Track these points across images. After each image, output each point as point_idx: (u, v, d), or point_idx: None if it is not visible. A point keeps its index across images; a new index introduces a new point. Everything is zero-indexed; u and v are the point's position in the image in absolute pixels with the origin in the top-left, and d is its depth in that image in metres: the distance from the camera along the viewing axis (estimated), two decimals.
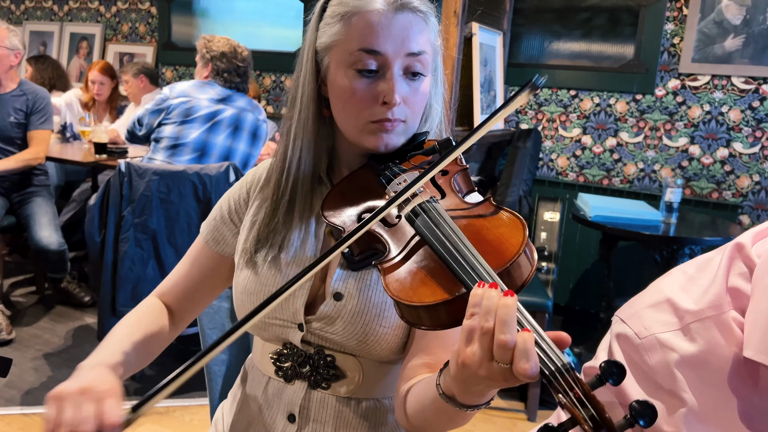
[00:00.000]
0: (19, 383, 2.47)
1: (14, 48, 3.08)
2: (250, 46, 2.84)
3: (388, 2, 0.81)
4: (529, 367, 0.53)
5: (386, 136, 0.84)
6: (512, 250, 0.64)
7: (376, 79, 0.82)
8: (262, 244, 0.91)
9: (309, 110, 0.88)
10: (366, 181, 0.85)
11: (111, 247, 2.41)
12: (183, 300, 1.01)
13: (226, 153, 2.70)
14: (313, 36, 0.87)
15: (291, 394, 0.91)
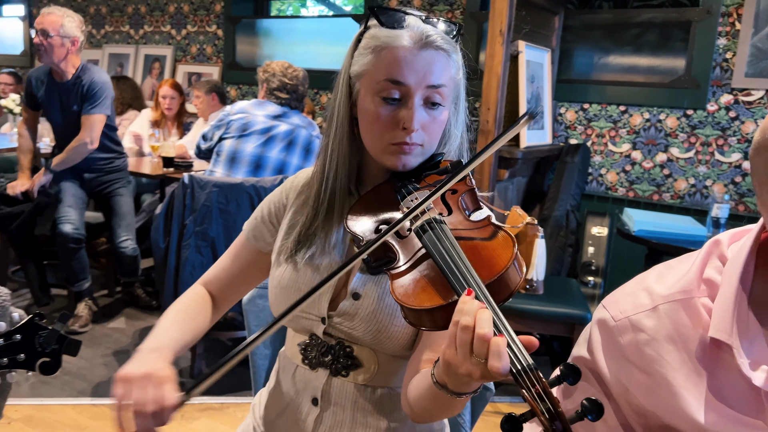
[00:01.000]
0: (90, 376, 2.70)
1: (68, 35, 3.00)
2: (309, 65, 3.02)
3: (414, 39, 0.91)
4: (500, 365, 0.63)
5: (404, 157, 0.94)
6: (501, 265, 0.74)
7: (399, 106, 0.93)
8: (302, 245, 1.02)
9: (344, 128, 0.99)
10: (385, 196, 0.95)
11: (174, 253, 2.61)
12: (224, 288, 1.14)
13: (280, 166, 2.86)
14: (348, 63, 0.98)
15: (315, 380, 1.02)
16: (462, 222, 0.85)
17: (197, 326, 1.07)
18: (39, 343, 1.05)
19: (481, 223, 0.84)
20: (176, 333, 1.01)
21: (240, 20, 4.88)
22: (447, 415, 0.86)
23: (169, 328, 1.02)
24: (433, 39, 0.92)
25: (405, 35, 0.92)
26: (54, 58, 3.00)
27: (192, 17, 5.08)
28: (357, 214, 0.95)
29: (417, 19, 0.94)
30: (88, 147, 3.10)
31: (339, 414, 1.00)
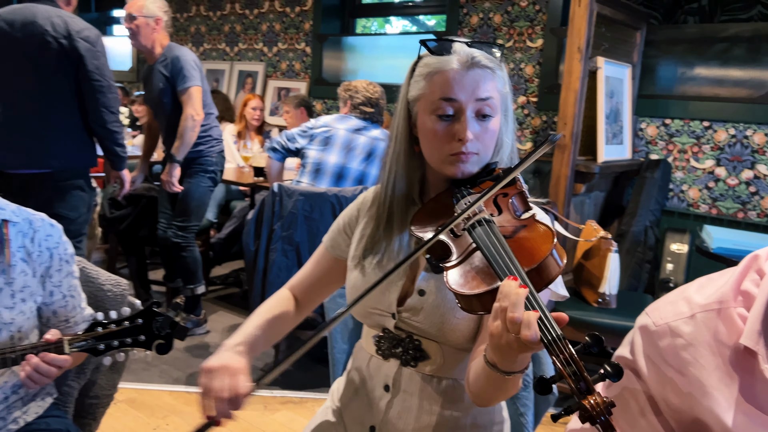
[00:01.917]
0: (184, 366, 2.95)
1: (151, 15, 3.11)
2: (391, 80, 3.19)
3: (461, 62, 1.04)
4: (530, 334, 0.74)
5: (462, 166, 1.06)
6: (541, 255, 0.86)
7: (453, 121, 1.05)
8: (368, 251, 1.16)
9: (401, 147, 1.12)
10: (444, 202, 1.07)
11: (263, 256, 2.82)
12: (307, 292, 1.30)
13: (360, 177, 3.03)
14: (405, 90, 1.12)
15: (387, 369, 1.14)
16: (509, 220, 0.97)
17: (278, 328, 1.23)
18: (156, 327, 1.24)
19: (527, 221, 0.96)
20: (257, 332, 1.18)
21: (327, 38, 5.13)
22: (503, 396, 0.98)
23: (251, 328, 1.18)
24: (479, 59, 1.04)
25: (453, 59, 1.05)
26: (141, 39, 3.14)
27: (283, 35, 5.39)
28: (420, 220, 1.07)
29: (462, 45, 1.06)
30: (195, 119, 3.11)
31: (407, 400, 1.12)
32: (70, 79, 2.60)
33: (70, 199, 2.67)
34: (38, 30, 2.52)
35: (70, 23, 2.57)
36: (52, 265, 1.31)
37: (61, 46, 2.54)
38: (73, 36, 2.55)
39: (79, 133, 2.69)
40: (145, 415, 2.51)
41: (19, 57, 2.55)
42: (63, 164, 2.63)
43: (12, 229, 1.27)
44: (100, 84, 2.63)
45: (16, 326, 1.25)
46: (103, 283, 1.50)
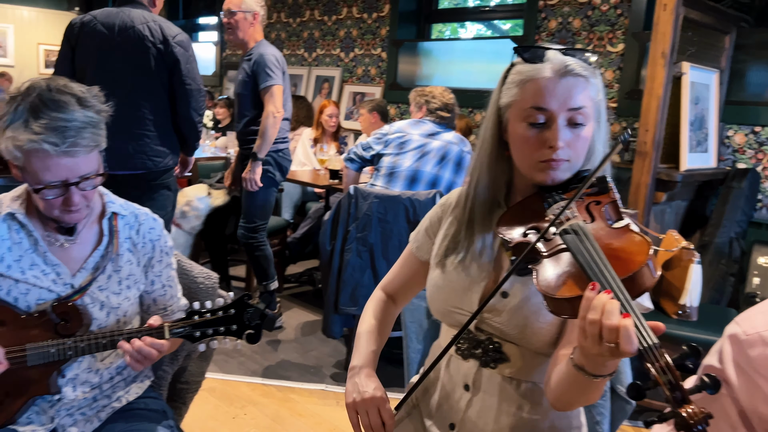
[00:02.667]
0: (261, 360, 3.08)
1: (249, 10, 3.17)
2: (466, 85, 3.21)
3: (554, 70, 1.04)
4: (631, 347, 0.75)
5: (552, 173, 1.06)
6: (636, 264, 0.85)
7: (544, 129, 1.05)
8: (450, 251, 1.19)
9: (487, 152, 1.14)
10: (533, 206, 1.08)
11: (338, 256, 2.90)
12: (398, 291, 1.38)
13: (434, 180, 3.07)
14: (496, 96, 1.13)
15: (466, 369, 1.17)
16: (603, 228, 0.97)
17: (385, 331, 1.33)
18: (247, 318, 1.32)
19: (621, 230, 0.95)
20: (373, 346, 1.27)
21: (403, 43, 5.20)
22: (585, 401, 0.98)
23: (367, 343, 1.28)
24: (572, 68, 1.04)
25: (546, 67, 1.05)
26: (239, 34, 3.20)
27: (359, 41, 5.50)
28: (506, 222, 1.08)
29: (556, 52, 1.06)
30: (276, 117, 3.13)
31: (487, 401, 1.14)
32: (164, 83, 2.72)
33: (158, 198, 2.79)
34: (137, 35, 2.63)
35: (165, 28, 2.69)
36: (154, 255, 1.42)
37: (158, 51, 2.65)
38: (169, 41, 2.66)
39: (170, 135, 2.81)
40: (224, 404, 2.63)
41: (118, 61, 2.67)
42: (156, 165, 2.76)
43: (120, 222, 1.39)
44: (191, 87, 2.74)
45: (122, 311, 1.36)
46: (196, 275, 1.61)
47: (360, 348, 1.27)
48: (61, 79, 1.23)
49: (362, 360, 1.24)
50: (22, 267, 1.27)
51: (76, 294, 1.29)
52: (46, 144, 1.14)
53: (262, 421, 2.52)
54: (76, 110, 1.18)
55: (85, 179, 1.22)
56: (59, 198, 1.22)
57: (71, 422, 1.29)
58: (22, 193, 1.32)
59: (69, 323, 1.26)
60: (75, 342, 1.24)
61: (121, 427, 1.30)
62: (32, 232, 1.29)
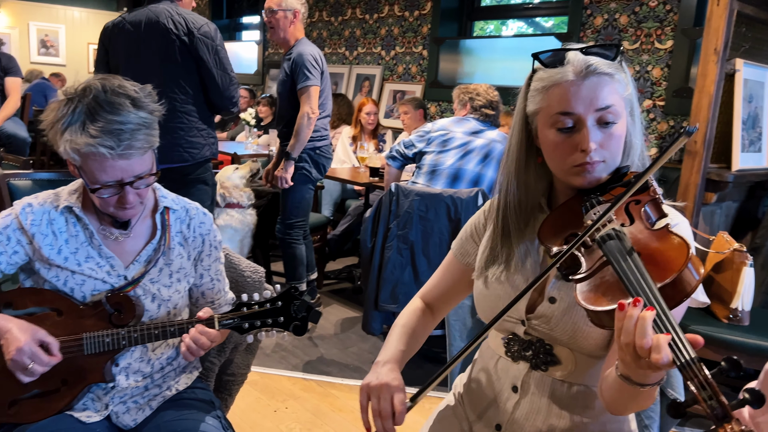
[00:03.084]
0: (301, 355, 3.11)
1: (290, 8, 3.20)
2: (508, 83, 3.18)
3: (576, 72, 1.01)
4: (660, 357, 0.74)
5: (588, 175, 1.03)
6: (674, 269, 0.82)
7: (573, 132, 1.03)
8: (490, 262, 1.18)
9: (515, 160, 1.12)
10: (572, 210, 1.05)
11: (378, 253, 2.91)
12: (438, 299, 1.34)
13: (476, 178, 3.05)
14: (522, 104, 1.11)
15: (516, 371, 1.15)
16: (642, 231, 0.93)
17: (417, 339, 1.29)
18: (293, 310, 1.33)
19: (660, 231, 0.92)
20: (402, 346, 1.24)
21: (444, 41, 5.18)
22: (638, 407, 0.96)
23: (396, 342, 1.25)
24: (595, 66, 1.01)
25: (568, 70, 1.02)
26: (280, 32, 3.24)
27: (401, 39, 5.50)
28: (548, 228, 1.06)
29: (576, 53, 1.03)
30: (310, 117, 3.16)
31: (536, 403, 1.13)
32: (193, 74, 2.73)
33: (195, 193, 2.80)
34: (161, 29, 2.66)
35: (189, 20, 2.70)
36: (203, 249, 1.45)
37: (183, 43, 2.67)
38: (193, 33, 2.67)
39: (203, 127, 2.81)
40: (266, 397, 2.67)
41: (147, 57, 2.70)
42: (192, 157, 2.77)
43: (172, 216, 1.42)
44: (220, 76, 2.73)
45: (173, 303, 1.40)
46: (243, 269, 1.63)
47: (388, 346, 1.24)
48: (116, 78, 1.26)
49: (388, 355, 1.20)
50: (78, 259, 1.31)
51: (129, 285, 1.33)
52: (102, 148, 1.18)
53: (302, 415, 2.54)
54: (131, 112, 1.21)
55: (139, 178, 1.25)
56: (114, 196, 1.25)
57: (124, 409, 1.33)
58: (79, 187, 1.37)
59: (122, 314, 1.29)
60: (128, 332, 1.28)
61: (171, 415, 1.33)
62: (88, 225, 1.33)
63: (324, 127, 3.38)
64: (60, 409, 1.27)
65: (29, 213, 1.31)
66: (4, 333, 1.20)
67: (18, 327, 1.21)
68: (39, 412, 1.26)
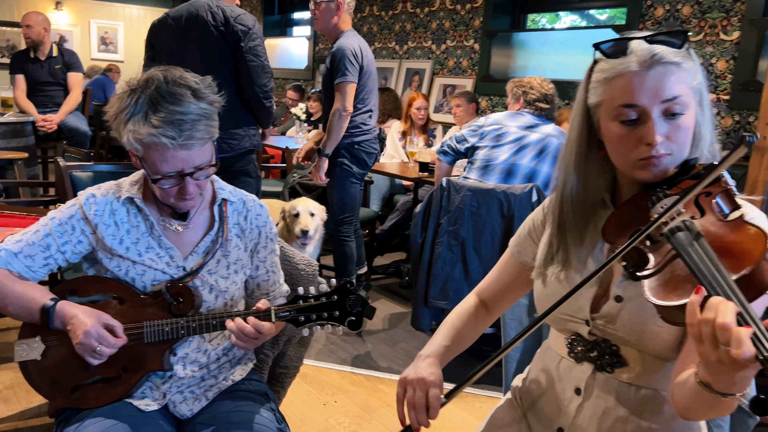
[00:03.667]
0: (350, 349, 3.11)
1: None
2: (562, 76, 3.10)
3: (640, 62, 0.96)
4: (740, 351, 0.69)
5: (654, 169, 0.98)
6: (752, 260, 0.78)
7: (638, 125, 0.97)
8: (548, 261, 1.13)
9: (575, 154, 1.07)
10: (637, 206, 1.00)
11: (428, 249, 2.88)
12: (494, 297, 1.30)
13: (531, 174, 2.98)
14: (582, 96, 1.06)
15: (579, 372, 1.11)
16: (714, 223, 0.88)
17: (466, 337, 1.27)
18: (349, 305, 1.32)
19: (734, 222, 0.87)
20: (447, 342, 1.22)
21: (497, 34, 5.09)
22: (716, 414, 0.90)
23: (441, 339, 1.22)
24: (660, 55, 0.95)
25: (631, 60, 0.96)
26: (323, 23, 3.23)
27: (452, 32, 5.44)
28: (613, 224, 1.01)
29: (640, 42, 0.97)
30: (342, 114, 3.12)
31: (600, 406, 1.08)
32: (230, 64, 2.73)
33: (239, 185, 2.79)
34: (201, 22, 2.70)
35: (227, 11, 2.72)
36: (259, 242, 1.45)
37: (221, 33, 2.69)
38: (230, 22, 2.69)
39: (242, 118, 2.82)
40: (315, 390, 2.68)
41: (188, 50, 2.73)
42: (232, 148, 2.77)
43: (229, 208, 1.43)
44: (254, 64, 2.73)
45: (230, 295, 1.40)
46: (297, 262, 1.63)
47: (433, 340, 1.22)
48: (177, 70, 1.28)
49: (431, 350, 1.19)
50: (139, 249, 1.33)
51: (188, 276, 1.34)
52: (164, 138, 1.19)
53: (351, 409, 2.54)
54: (191, 102, 1.22)
55: (199, 169, 1.26)
56: (175, 187, 1.27)
57: (181, 399, 1.35)
58: (140, 178, 1.39)
59: (182, 304, 1.31)
60: (187, 322, 1.29)
61: (227, 406, 1.34)
62: (148, 216, 1.35)
63: (364, 123, 3.34)
64: (120, 396, 1.29)
65: (92, 203, 1.33)
66: (70, 318, 1.23)
67: (83, 312, 1.24)
68: (100, 398, 1.28)
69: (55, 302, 1.26)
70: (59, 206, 1.39)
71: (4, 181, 3.24)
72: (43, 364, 1.30)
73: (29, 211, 2.04)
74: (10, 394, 2.47)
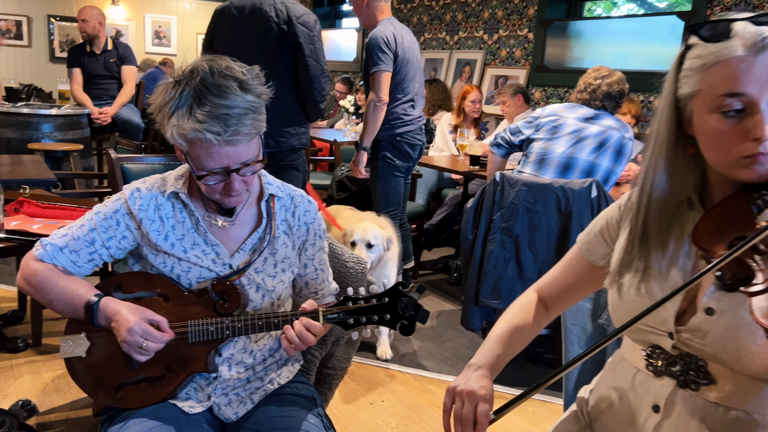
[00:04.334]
0: (397, 345, 3.03)
1: None
2: (619, 66, 2.92)
3: (747, 47, 0.84)
4: None
5: (760, 168, 0.86)
6: None
7: (743, 117, 0.86)
8: (625, 267, 1.02)
9: (663, 151, 0.96)
10: (737, 209, 0.88)
11: (480, 246, 2.78)
12: (556, 296, 1.21)
13: (589, 168, 2.83)
14: (672, 86, 0.94)
15: (658, 387, 1.00)
16: None
17: (521, 339, 1.17)
18: (401, 308, 1.24)
19: None
20: (499, 350, 1.13)
21: (552, 23, 4.91)
22: None
23: (494, 344, 1.14)
24: None
25: (736, 44, 0.85)
26: (357, 14, 3.22)
27: (505, 22, 5.28)
28: (705, 229, 0.90)
29: (745, 23, 0.86)
30: (376, 104, 3.06)
31: (682, 427, 0.97)
32: (288, 62, 2.73)
33: (287, 179, 2.80)
34: (263, 16, 2.69)
35: (291, 9, 2.70)
36: (308, 239, 1.39)
37: (282, 31, 2.67)
38: (293, 21, 2.68)
39: (294, 117, 2.81)
40: (362, 388, 2.63)
41: (246, 42, 2.72)
42: (282, 144, 2.77)
43: (277, 204, 1.37)
44: (314, 68, 2.73)
45: (277, 294, 1.35)
46: (346, 260, 1.57)
47: (485, 347, 1.13)
48: (223, 59, 1.22)
49: (483, 360, 1.10)
50: (184, 246, 1.29)
51: (234, 274, 1.29)
52: (209, 134, 1.13)
53: (399, 410, 2.47)
54: (238, 95, 1.16)
55: (245, 165, 1.20)
56: (220, 183, 1.21)
57: (226, 402, 1.30)
58: (186, 172, 1.34)
59: (227, 303, 1.26)
60: (232, 322, 1.24)
61: (273, 410, 1.29)
62: (194, 211, 1.30)
63: (405, 113, 3.24)
64: (163, 397, 1.25)
65: (137, 198, 1.29)
66: (114, 315, 1.20)
67: (126, 308, 1.21)
68: (144, 398, 1.25)
69: (99, 298, 1.23)
70: (108, 198, 1.36)
71: (59, 173, 3.30)
72: (87, 361, 1.27)
73: (80, 203, 2.05)
74: (62, 384, 2.50)
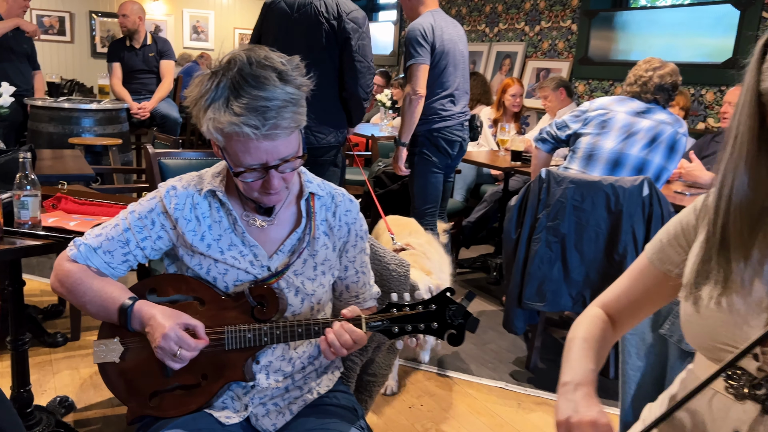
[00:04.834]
0: (439, 350, 2.95)
1: None
2: (668, 58, 2.77)
3: None
4: None
5: None
6: None
7: None
8: (702, 280, 0.92)
9: (745, 151, 0.86)
10: None
11: (524, 245, 2.67)
12: (624, 311, 1.10)
13: (640, 165, 2.69)
14: (753, 80, 0.84)
15: (740, 413, 0.90)
16: None
17: (603, 355, 1.06)
18: (449, 316, 1.16)
19: None
20: (591, 364, 1.02)
21: (597, 14, 4.73)
22: None
23: (582, 358, 1.02)
24: None
25: None
26: (405, 9, 3.19)
27: (547, 13, 5.12)
28: None
29: None
30: (412, 98, 2.99)
31: None
32: (334, 58, 2.70)
33: (325, 174, 2.77)
34: (313, 11, 2.66)
35: (341, 5, 2.68)
36: (349, 240, 1.31)
37: (331, 26, 2.65)
38: (342, 17, 2.65)
39: (334, 114, 2.79)
40: (400, 390, 2.55)
41: (295, 37, 2.70)
42: (318, 142, 2.74)
43: (317, 203, 1.30)
44: (361, 65, 2.70)
45: (317, 298, 1.28)
46: (389, 262, 1.49)
47: (572, 361, 1.02)
48: (262, 49, 1.14)
49: (578, 376, 0.98)
50: (221, 247, 1.23)
51: (272, 277, 1.22)
52: (246, 127, 1.06)
53: (438, 414, 2.39)
54: (277, 86, 1.09)
55: (285, 161, 1.13)
56: (258, 181, 1.15)
57: (264, 412, 1.24)
58: (223, 169, 1.28)
59: (265, 308, 1.19)
60: (270, 329, 1.17)
61: (313, 423, 1.22)
62: (231, 211, 1.24)
63: (443, 108, 3.14)
64: (199, 406, 1.20)
65: (173, 196, 1.24)
66: (149, 320, 1.15)
67: (161, 313, 1.15)
68: (179, 407, 1.19)
69: (133, 301, 1.18)
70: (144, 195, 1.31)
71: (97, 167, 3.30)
72: (121, 366, 1.22)
73: (117, 199, 2.02)
74: (99, 380, 2.47)
